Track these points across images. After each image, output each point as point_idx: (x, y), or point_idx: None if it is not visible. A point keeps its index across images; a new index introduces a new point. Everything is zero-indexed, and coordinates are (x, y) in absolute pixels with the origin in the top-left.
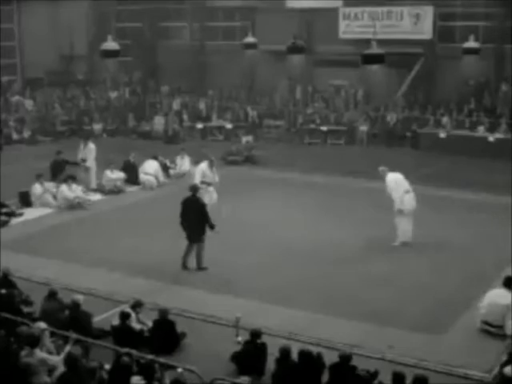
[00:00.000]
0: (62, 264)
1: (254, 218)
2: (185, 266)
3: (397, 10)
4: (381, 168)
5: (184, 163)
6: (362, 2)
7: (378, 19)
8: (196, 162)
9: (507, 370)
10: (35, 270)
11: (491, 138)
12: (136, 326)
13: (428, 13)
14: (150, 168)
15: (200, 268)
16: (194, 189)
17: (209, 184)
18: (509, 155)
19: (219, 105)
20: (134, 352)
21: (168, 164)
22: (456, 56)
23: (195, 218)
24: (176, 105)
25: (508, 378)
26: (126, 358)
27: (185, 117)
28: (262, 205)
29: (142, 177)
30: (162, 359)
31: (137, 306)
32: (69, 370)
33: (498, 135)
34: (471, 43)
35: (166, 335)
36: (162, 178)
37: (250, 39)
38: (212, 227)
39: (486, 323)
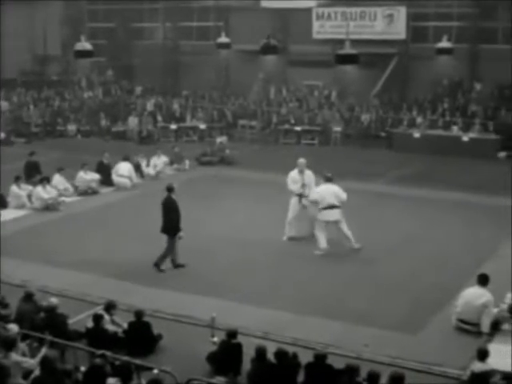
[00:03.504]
0: (36, 265)
1: (228, 218)
2: (177, 266)
3: (370, 11)
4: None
5: (160, 163)
6: (336, 2)
7: (351, 19)
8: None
9: (476, 366)
10: (11, 272)
11: (465, 138)
12: (110, 327)
13: (401, 13)
14: (123, 170)
15: (157, 266)
16: (170, 189)
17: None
18: (483, 154)
19: (193, 105)
20: (109, 354)
21: (141, 164)
22: (429, 56)
23: (170, 216)
24: (150, 105)
25: (477, 375)
26: (99, 360)
27: (159, 117)
28: (236, 205)
29: (116, 179)
30: (137, 360)
31: (110, 307)
32: (45, 373)
33: (472, 135)
34: (444, 43)
35: (141, 336)
36: (135, 179)
37: (223, 39)
38: (176, 230)
39: (462, 321)
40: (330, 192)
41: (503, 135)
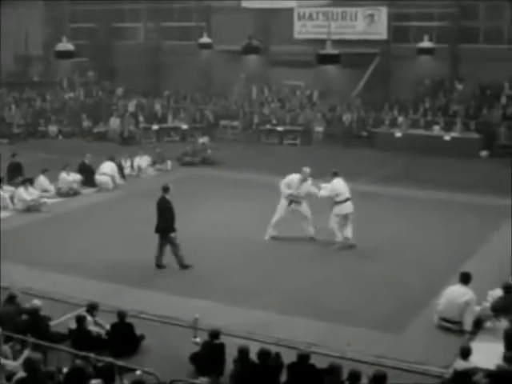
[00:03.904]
0: (19, 267)
1: (209, 219)
2: (159, 265)
3: (351, 11)
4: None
5: (143, 163)
6: (317, 2)
7: (332, 20)
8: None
9: (459, 364)
10: None
11: (447, 137)
12: (93, 329)
13: (382, 13)
14: (106, 169)
15: (182, 266)
16: (165, 189)
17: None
18: (464, 154)
19: (175, 106)
20: (92, 355)
21: (123, 165)
22: (411, 56)
23: (165, 216)
24: (131, 106)
25: (460, 373)
26: (80, 362)
27: (141, 118)
28: (218, 206)
29: (98, 177)
30: (120, 362)
31: (92, 308)
32: (28, 375)
33: (454, 134)
34: (426, 43)
35: (124, 338)
36: (118, 179)
37: (205, 39)
38: (170, 230)
39: (445, 320)
40: (342, 185)
41: (485, 134)
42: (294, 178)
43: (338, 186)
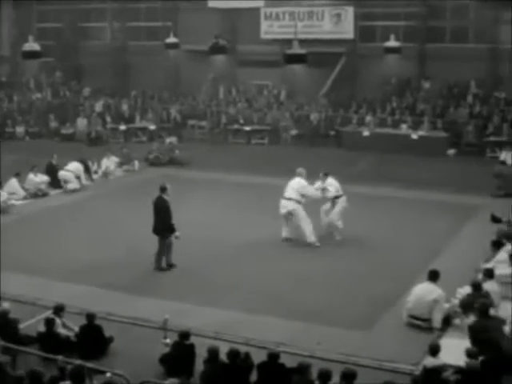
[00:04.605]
0: None
1: (179, 218)
2: (170, 265)
3: (317, 10)
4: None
5: (111, 164)
6: (283, 2)
7: (299, 19)
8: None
9: (428, 361)
10: None
11: (414, 136)
12: (62, 331)
13: (349, 13)
14: (72, 167)
15: (169, 265)
16: (162, 189)
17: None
18: (432, 152)
19: (142, 106)
20: (60, 358)
21: (90, 166)
22: (378, 55)
23: (162, 217)
24: (98, 106)
25: (429, 370)
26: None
27: (108, 118)
28: (185, 206)
29: (62, 172)
30: (90, 364)
31: (59, 310)
32: None
33: (421, 133)
34: (392, 42)
35: (93, 340)
36: (84, 180)
37: (172, 39)
38: (172, 230)
39: (413, 317)
40: (336, 182)
41: (452, 133)
42: (302, 181)
43: (336, 184)
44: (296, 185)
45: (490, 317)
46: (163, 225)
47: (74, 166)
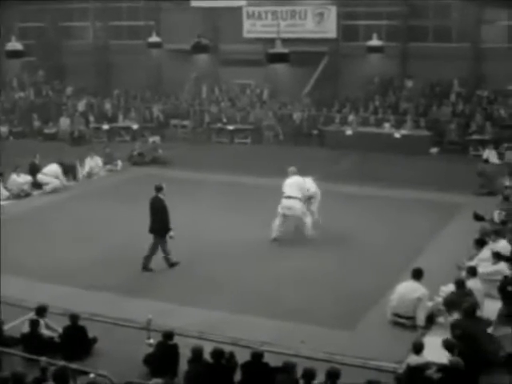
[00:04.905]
0: None
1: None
2: (171, 264)
3: (300, 10)
4: (290, 168)
5: (95, 164)
6: (266, 1)
7: (281, 18)
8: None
9: (412, 359)
10: None
11: (397, 135)
12: (46, 332)
13: (331, 12)
14: (49, 170)
15: (171, 264)
16: (158, 188)
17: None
18: (415, 151)
19: (125, 105)
20: (44, 359)
21: (76, 166)
22: (360, 54)
23: (159, 216)
24: (81, 106)
25: (413, 367)
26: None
27: (91, 118)
28: (171, 205)
29: (40, 176)
30: (73, 365)
31: (42, 310)
32: None
33: (404, 131)
34: (375, 41)
35: (77, 341)
36: (64, 181)
37: (154, 38)
38: (167, 230)
39: (397, 315)
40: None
41: (435, 131)
42: (301, 179)
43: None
44: (297, 183)
45: (476, 318)
46: (161, 224)
47: (51, 169)
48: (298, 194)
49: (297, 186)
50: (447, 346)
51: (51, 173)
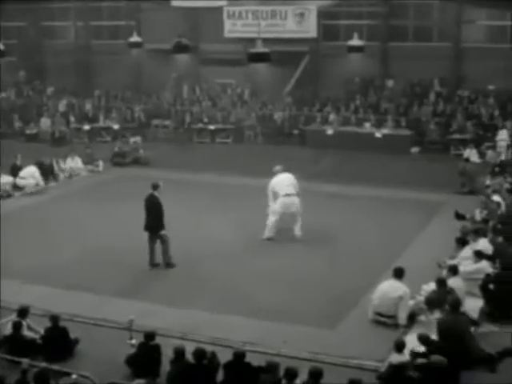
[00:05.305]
0: None
1: (143, 219)
2: (153, 265)
3: (281, 10)
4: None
5: (76, 164)
6: (246, 1)
7: (262, 18)
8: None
9: (394, 358)
10: None
11: (378, 134)
12: (28, 334)
13: (312, 12)
14: (25, 173)
15: (168, 264)
16: (154, 186)
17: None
18: (396, 150)
19: (106, 105)
20: (26, 360)
21: (54, 166)
22: (341, 54)
23: (154, 214)
24: (62, 106)
25: (394, 366)
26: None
27: (71, 118)
28: None
29: (18, 180)
30: (55, 366)
31: (24, 312)
32: None
33: (385, 131)
34: (355, 41)
35: (58, 342)
36: (40, 181)
37: (135, 38)
38: (160, 227)
39: (379, 314)
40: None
41: (415, 131)
42: (290, 176)
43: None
44: (290, 180)
45: (460, 313)
46: (156, 221)
47: (30, 171)
48: (294, 191)
49: (291, 183)
50: (422, 340)
51: (29, 175)
